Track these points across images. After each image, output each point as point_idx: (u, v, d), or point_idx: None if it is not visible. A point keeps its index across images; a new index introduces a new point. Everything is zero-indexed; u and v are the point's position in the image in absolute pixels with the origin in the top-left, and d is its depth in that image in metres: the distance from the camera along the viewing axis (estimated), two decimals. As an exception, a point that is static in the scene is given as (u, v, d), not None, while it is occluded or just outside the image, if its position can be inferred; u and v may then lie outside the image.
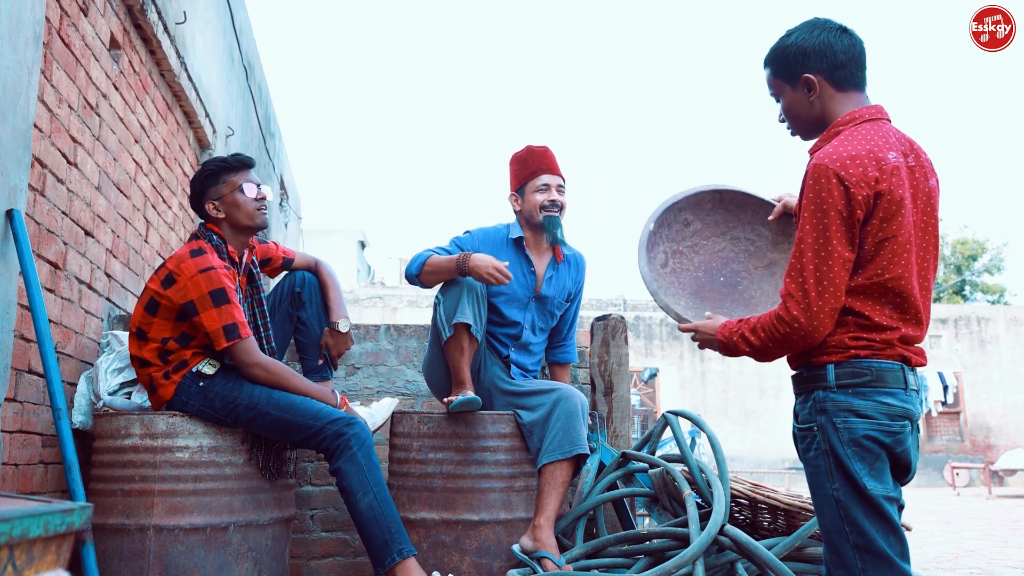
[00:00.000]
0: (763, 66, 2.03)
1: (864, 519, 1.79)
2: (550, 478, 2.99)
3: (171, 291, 2.81)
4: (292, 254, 3.28)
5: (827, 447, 1.82)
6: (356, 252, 32.81)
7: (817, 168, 1.80)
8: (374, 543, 2.74)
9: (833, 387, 1.82)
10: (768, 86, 2.03)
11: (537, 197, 3.25)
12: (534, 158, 3.30)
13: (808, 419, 1.86)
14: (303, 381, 2.90)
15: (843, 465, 1.80)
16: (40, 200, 2.76)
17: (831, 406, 1.82)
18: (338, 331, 3.20)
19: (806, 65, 1.92)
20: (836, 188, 1.77)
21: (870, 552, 1.79)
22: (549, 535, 2.93)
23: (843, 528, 1.81)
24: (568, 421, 3.00)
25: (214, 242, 2.93)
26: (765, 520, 3.07)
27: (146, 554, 2.72)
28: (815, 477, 1.86)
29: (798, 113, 1.97)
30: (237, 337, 2.78)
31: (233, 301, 2.79)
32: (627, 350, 3.73)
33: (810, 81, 1.91)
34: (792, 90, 1.96)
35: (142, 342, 2.88)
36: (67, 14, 2.96)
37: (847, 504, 1.80)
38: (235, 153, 3.07)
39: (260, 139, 7.58)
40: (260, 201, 2.99)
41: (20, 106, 2.48)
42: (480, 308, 3.08)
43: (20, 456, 2.69)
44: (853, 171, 1.78)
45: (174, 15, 4.26)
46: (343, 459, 2.78)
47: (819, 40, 1.91)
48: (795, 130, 2.02)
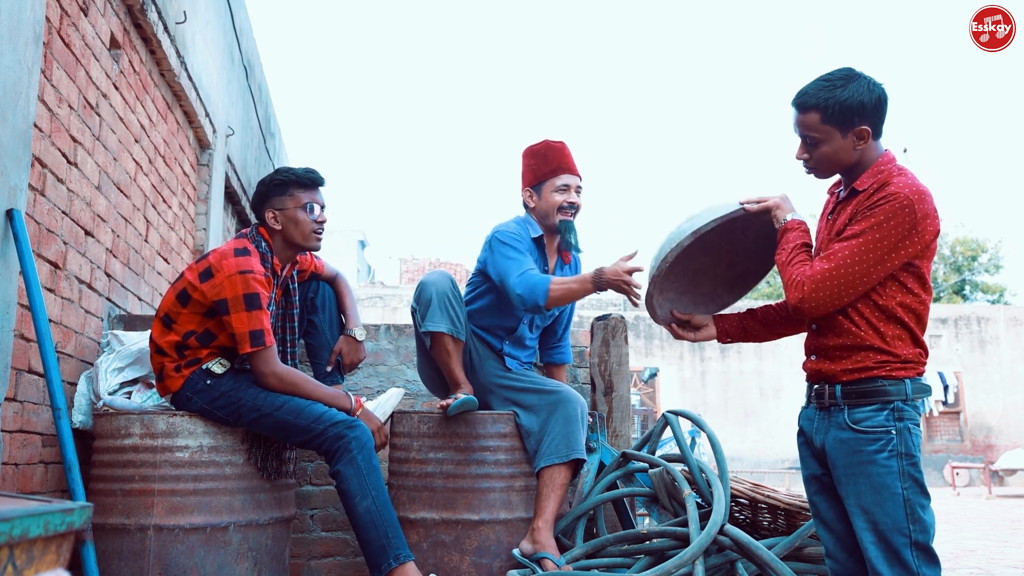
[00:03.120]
0: (802, 109, 2.11)
1: (925, 517, 1.97)
2: (549, 481, 2.99)
3: (206, 285, 2.81)
4: (322, 267, 3.31)
5: (904, 450, 1.99)
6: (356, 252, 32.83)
7: (900, 196, 1.99)
8: (371, 547, 2.74)
9: (909, 400, 2.02)
10: (804, 127, 2.11)
11: (556, 197, 3.16)
12: (554, 155, 3.20)
13: (883, 424, 2.02)
14: (317, 386, 2.90)
15: (915, 467, 1.99)
16: (40, 200, 2.76)
17: (907, 415, 2.02)
18: (354, 339, 3.25)
19: (864, 118, 2.06)
20: (910, 219, 1.98)
21: (925, 550, 1.96)
22: (548, 537, 2.93)
23: (907, 526, 1.96)
24: (567, 425, 2.99)
25: (261, 248, 2.93)
26: (765, 520, 3.08)
27: (146, 554, 2.72)
28: (883, 477, 1.99)
29: (840, 159, 2.11)
30: (262, 344, 2.78)
31: (264, 308, 2.80)
32: (627, 350, 3.73)
33: (864, 133, 2.07)
34: (842, 138, 2.09)
35: (166, 330, 2.88)
36: (67, 14, 2.96)
37: (915, 504, 1.97)
38: (308, 168, 3.04)
39: (260, 139, 7.58)
40: (320, 224, 3.00)
41: (20, 106, 2.48)
42: (454, 309, 3.05)
43: (20, 456, 2.69)
44: (928, 207, 2.01)
45: (174, 15, 4.26)
46: (342, 462, 2.78)
47: (875, 96, 2.07)
48: (821, 170, 2.16)
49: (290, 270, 3.07)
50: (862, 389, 2.05)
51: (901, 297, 2.04)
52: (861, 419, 2.04)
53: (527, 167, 3.26)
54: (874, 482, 1.99)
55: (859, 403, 2.05)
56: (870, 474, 2.00)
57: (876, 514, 1.98)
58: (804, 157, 2.15)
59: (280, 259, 2.99)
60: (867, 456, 2.00)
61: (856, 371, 2.05)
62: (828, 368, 2.09)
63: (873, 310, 2.04)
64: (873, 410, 2.03)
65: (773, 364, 18.36)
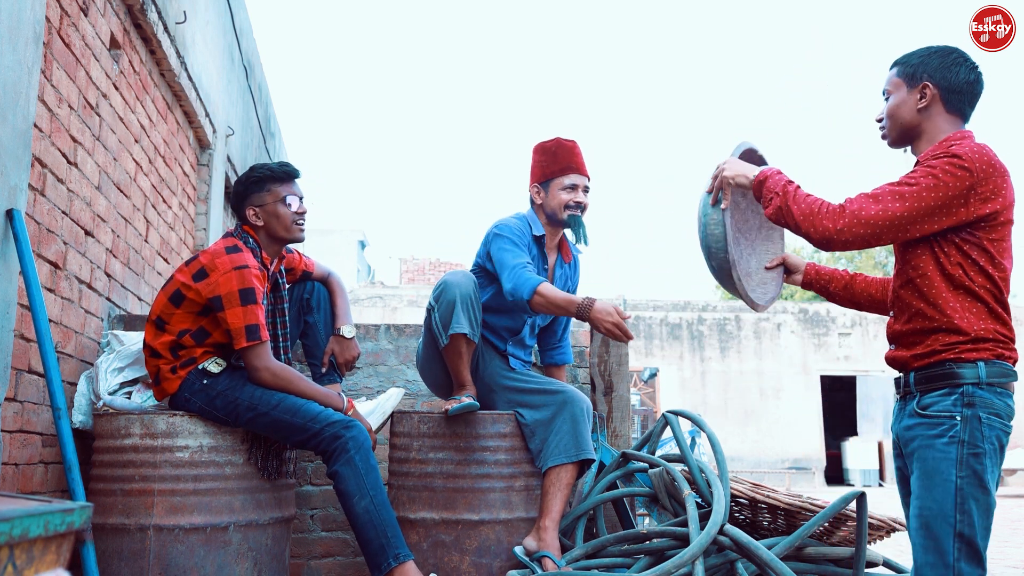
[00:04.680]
0: (892, 67, 2.18)
1: (976, 512, 1.91)
2: (556, 480, 2.99)
3: (201, 284, 2.82)
4: (312, 267, 3.32)
5: (967, 438, 1.92)
6: (356, 252, 32.82)
7: (963, 155, 1.95)
8: (370, 548, 2.74)
9: (983, 384, 1.93)
10: (886, 83, 2.17)
11: (563, 196, 3.18)
12: (564, 153, 3.21)
13: (950, 409, 1.94)
14: (310, 385, 2.90)
15: (979, 458, 1.91)
16: (40, 200, 2.76)
17: (979, 401, 1.93)
18: (343, 337, 3.24)
19: (931, 76, 2.09)
20: (967, 178, 1.93)
21: (970, 545, 1.90)
22: (554, 537, 2.93)
23: (953, 515, 1.90)
24: (575, 425, 2.99)
25: (249, 244, 2.96)
26: (765, 520, 3.08)
27: (146, 554, 2.72)
28: (939, 462, 1.93)
29: (902, 114, 2.12)
30: (257, 339, 2.79)
31: (259, 303, 2.81)
32: (627, 350, 3.73)
33: (926, 89, 2.08)
34: (907, 92, 2.12)
35: (159, 332, 2.88)
36: (67, 14, 2.96)
37: (967, 494, 1.91)
38: (282, 162, 3.06)
39: (260, 139, 7.58)
40: (300, 215, 3.01)
41: (20, 106, 2.48)
42: (475, 312, 3.05)
43: (20, 456, 2.69)
44: (994, 175, 1.95)
45: (174, 15, 4.26)
46: (340, 462, 2.78)
47: (951, 63, 2.09)
48: (889, 130, 2.17)
49: (278, 265, 3.08)
50: (931, 374, 1.99)
51: (969, 269, 1.97)
52: (928, 404, 1.98)
53: (536, 163, 3.27)
54: (928, 467, 1.94)
55: (929, 388, 1.99)
56: (925, 459, 1.95)
57: (924, 499, 1.93)
58: (878, 117, 2.18)
59: (268, 254, 3.01)
60: (927, 441, 1.95)
61: (925, 356, 2.00)
62: (902, 356, 2.06)
63: (943, 280, 1.99)
64: (941, 395, 1.97)
65: (773, 364, 18.37)
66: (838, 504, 2.67)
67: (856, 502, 2.66)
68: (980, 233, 1.97)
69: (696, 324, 18.67)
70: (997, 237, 1.98)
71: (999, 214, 1.97)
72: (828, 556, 2.81)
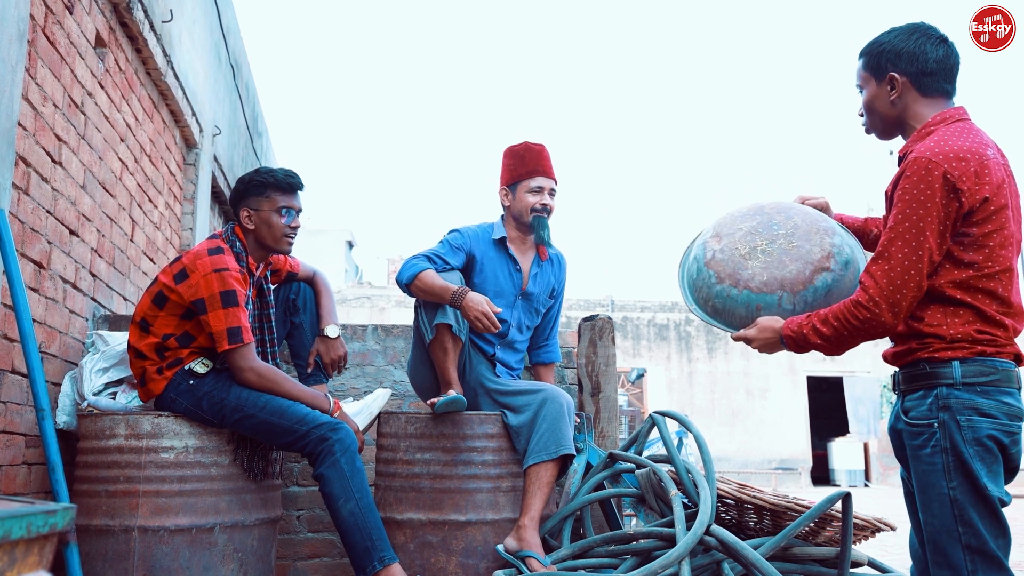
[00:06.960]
0: (857, 57, 2.11)
1: (979, 520, 1.79)
2: (535, 478, 2.99)
3: (182, 286, 2.81)
4: (298, 267, 3.31)
5: (948, 445, 1.82)
6: (344, 252, 32.74)
7: (920, 161, 1.86)
8: (355, 550, 2.73)
9: (958, 384, 1.83)
10: (856, 77, 2.10)
11: (529, 198, 3.26)
12: (531, 157, 3.30)
13: (927, 415, 1.86)
14: (295, 386, 2.89)
15: (964, 464, 1.80)
16: (24, 199, 2.74)
17: (955, 403, 1.83)
18: (327, 337, 3.23)
19: (896, 65, 2.00)
20: (938, 181, 1.82)
21: (983, 554, 1.79)
22: (534, 535, 2.93)
23: (956, 528, 1.80)
24: (554, 422, 3.00)
25: (236, 247, 2.94)
26: (751, 520, 3.08)
27: (131, 555, 2.70)
28: (928, 475, 1.85)
29: (877, 108, 2.05)
30: (240, 341, 2.78)
31: (241, 305, 2.80)
32: (614, 351, 3.74)
33: (894, 80, 2.00)
34: (877, 86, 2.04)
35: (143, 333, 2.87)
36: (52, 12, 2.94)
37: (964, 504, 1.80)
38: (289, 172, 3.03)
39: (247, 138, 7.55)
40: (292, 229, 3.00)
41: (4, 104, 2.46)
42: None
43: (3, 457, 2.67)
44: (957, 166, 1.83)
45: (160, 13, 4.24)
46: (326, 464, 2.77)
47: (915, 44, 1.99)
48: (870, 126, 2.10)
49: (263, 270, 3.07)
50: (909, 374, 1.92)
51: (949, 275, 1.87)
52: (909, 408, 1.91)
53: (505, 166, 3.36)
54: (920, 481, 1.87)
55: (909, 389, 1.92)
56: (916, 472, 1.88)
57: (925, 514, 1.86)
58: (860, 112, 2.12)
59: (254, 258, 3.00)
60: (914, 452, 1.89)
61: (904, 354, 1.93)
62: (888, 353, 1.99)
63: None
64: (918, 398, 1.89)
65: (760, 365, 18.43)
66: (824, 504, 2.68)
67: (842, 502, 2.67)
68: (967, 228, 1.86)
69: (684, 325, 18.73)
70: (993, 228, 1.86)
71: (989, 201, 1.85)
72: (814, 556, 2.82)
